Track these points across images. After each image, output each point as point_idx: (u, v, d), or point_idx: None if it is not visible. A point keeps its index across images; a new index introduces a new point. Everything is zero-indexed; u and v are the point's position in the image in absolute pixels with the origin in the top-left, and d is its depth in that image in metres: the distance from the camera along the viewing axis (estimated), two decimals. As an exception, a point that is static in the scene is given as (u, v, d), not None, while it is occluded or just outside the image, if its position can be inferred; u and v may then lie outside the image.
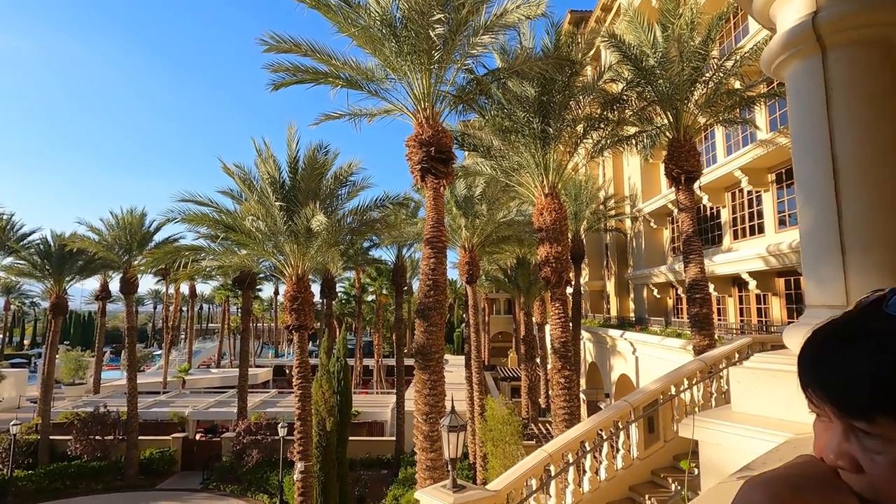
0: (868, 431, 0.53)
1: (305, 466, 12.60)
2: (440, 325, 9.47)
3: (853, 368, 0.55)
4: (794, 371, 2.04)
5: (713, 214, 20.53)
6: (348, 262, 27.20)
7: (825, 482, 0.55)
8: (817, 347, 0.60)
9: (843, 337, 0.58)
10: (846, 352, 0.56)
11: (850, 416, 0.55)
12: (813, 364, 0.59)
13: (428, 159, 9.51)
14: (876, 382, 0.53)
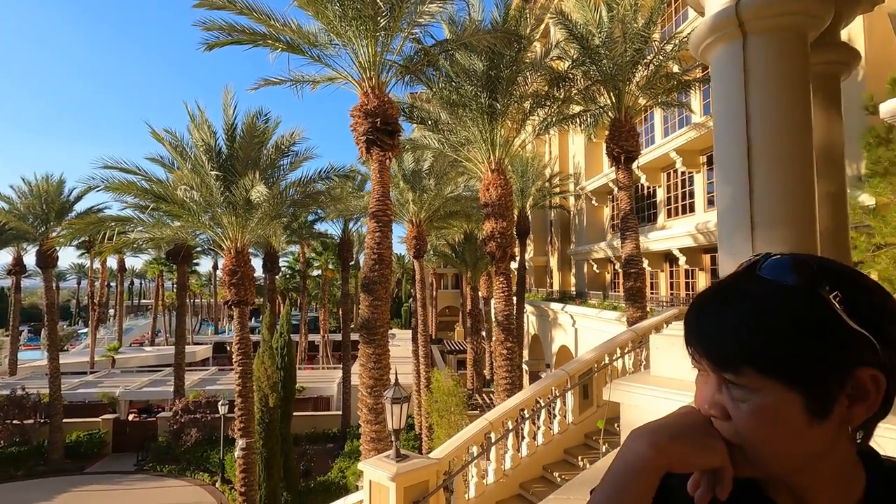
0: (735, 382, 0.58)
1: (247, 443, 12.38)
2: (385, 299, 9.44)
3: (725, 325, 0.59)
4: None
5: (650, 193, 21.56)
6: (292, 235, 26.36)
7: (699, 429, 0.59)
8: (697, 308, 0.63)
9: (718, 298, 0.62)
10: (720, 311, 0.60)
11: (721, 369, 0.59)
12: (693, 323, 0.63)
13: (373, 131, 9.28)
14: (742, 337, 0.57)
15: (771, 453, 0.57)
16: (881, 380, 0.54)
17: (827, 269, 0.58)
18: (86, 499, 17.61)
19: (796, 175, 2.26)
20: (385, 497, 5.79)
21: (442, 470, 6.25)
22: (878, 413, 0.56)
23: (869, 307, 0.56)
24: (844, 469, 0.60)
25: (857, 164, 10.11)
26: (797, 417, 0.55)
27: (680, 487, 0.61)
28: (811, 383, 0.55)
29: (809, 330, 0.55)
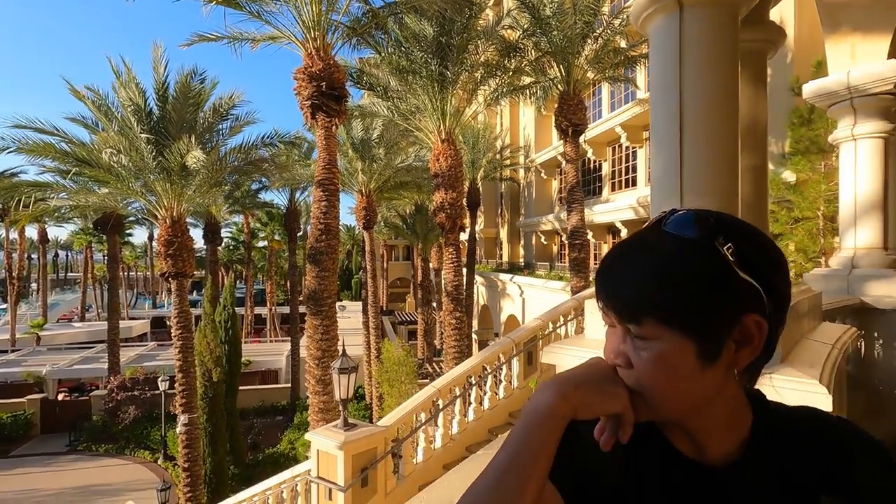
0: (638, 332, 0.60)
1: (189, 419, 12.01)
2: (332, 269, 9.27)
3: (629, 279, 0.61)
4: None
5: (596, 167, 22.18)
6: (234, 205, 25.18)
7: (603, 378, 0.62)
8: (606, 262, 0.65)
9: (625, 253, 0.63)
10: (625, 265, 0.62)
11: (625, 320, 0.61)
12: (601, 278, 0.64)
13: (319, 95, 8.88)
14: (643, 290, 0.59)
15: (667, 397, 0.60)
16: (764, 325, 0.58)
17: (723, 223, 0.60)
18: (11, 482, 16.60)
19: (723, 147, 2.37)
20: (333, 465, 5.82)
21: (390, 437, 6.35)
22: (761, 357, 0.60)
23: (757, 259, 0.59)
24: (733, 411, 0.64)
25: (783, 142, 10.82)
26: (690, 363, 0.58)
27: (588, 434, 0.64)
28: (704, 331, 0.57)
29: (704, 281, 0.57)
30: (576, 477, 0.66)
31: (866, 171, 4.77)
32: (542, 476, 0.58)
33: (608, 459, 0.66)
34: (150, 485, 15.68)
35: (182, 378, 12.14)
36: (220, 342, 15.35)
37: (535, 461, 0.57)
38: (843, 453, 0.64)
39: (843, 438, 0.66)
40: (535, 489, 0.57)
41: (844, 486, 0.62)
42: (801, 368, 1.87)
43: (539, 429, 0.58)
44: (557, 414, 0.58)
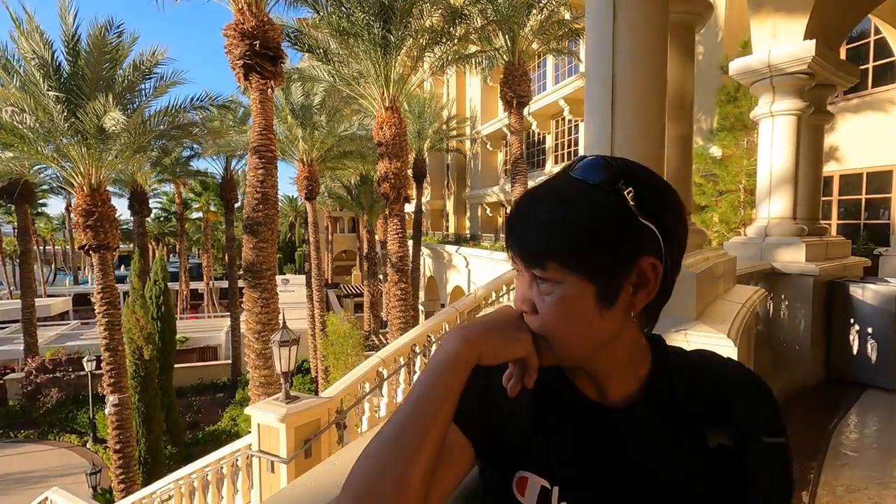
0: (542, 277, 0.60)
1: (119, 399, 11.38)
2: (272, 241, 8.92)
3: (534, 224, 0.60)
4: None
5: (540, 140, 22.52)
6: (163, 173, 23.49)
7: (508, 323, 0.62)
8: (514, 209, 0.64)
9: (533, 199, 0.62)
10: (532, 211, 0.61)
11: (531, 265, 0.61)
12: (508, 223, 0.63)
13: (252, 54, 8.32)
14: (547, 234, 0.59)
15: (569, 340, 0.61)
16: (659, 268, 0.59)
17: (626, 169, 0.60)
18: (-85, 476, 15.17)
19: (652, 116, 2.44)
20: (275, 438, 5.75)
21: (334, 408, 6.32)
22: (657, 299, 0.61)
23: (656, 204, 0.59)
24: (632, 354, 0.67)
25: (712, 119, 11.43)
26: (590, 305, 0.59)
27: (498, 380, 0.66)
28: (603, 274, 0.58)
29: (605, 224, 0.58)
30: (484, 421, 0.68)
31: (781, 147, 5.13)
32: (446, 421, 0.58)
33: (517, 404, 0.67)
34: (78, 469, 14.86)
35: (109, 357, 11.43)
36: (151, 318, 14.54)
37: (438, 407, 0.57)
38: (727, 390, 0.68)
39: (728, 376, 0.70)
40: (437, 433, 0.57)
41: (728, 420, 0.66)
42: (713, 325, 2.01)
43: (443, 375, 0.58)
44: (461, 360, 0.58)
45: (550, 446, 0.66)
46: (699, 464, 0.65)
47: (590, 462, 0.65)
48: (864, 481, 2.78)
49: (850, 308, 4.61)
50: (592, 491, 0.64)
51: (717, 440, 0.65)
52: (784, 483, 0.67)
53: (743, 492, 0.65)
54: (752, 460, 0.64)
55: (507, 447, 0.68)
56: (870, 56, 8.83)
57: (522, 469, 0.67)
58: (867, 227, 9.03)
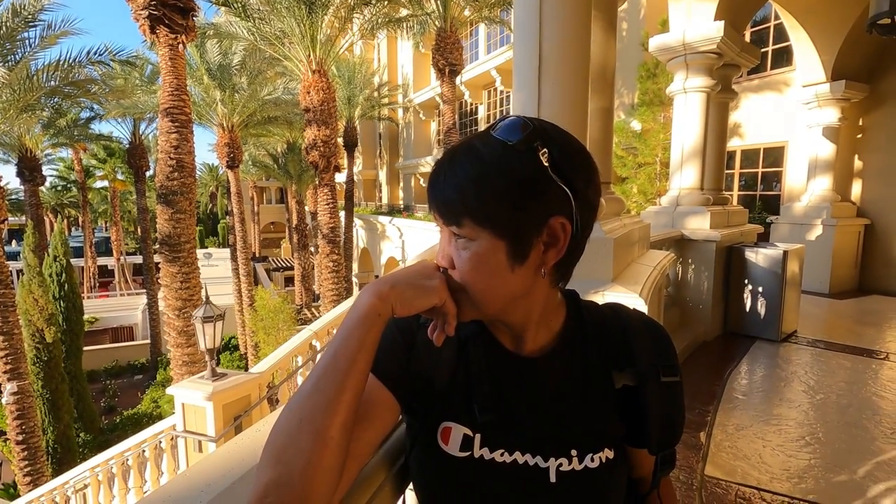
0: (458, 234, 0.61)
1: (19, 386, 10.33)
2: (189, 211, 8.32)
3: (452, 182, 0.61)
4: None
5: (472, 110, 22.52)
6: (58, 136, 20.93)
7: (421, 275, 0.64)
8: (435, 167, 0.64)
9: (453, 157, 0.63)
10: (451, 169, 0.62)
11: (449, 222, 0.62)
12: (430, 181, 0.64)
13: (158, 4, 7.51)
14: (464, 192, 0.60)
15: (484, 295, 0.64)
16: (569, 227, 0.62)
17: (543, 130, 0.62)
18: None
19: (575, 87, 2.51)
20: (202, 417, 5.53)
21: (265, 383, 6.17)
22: (568, 257, 0.65)
23: (568, 165, 0.62)
24: (546, 307, 0.71)
25: (633, 94, 11.98)
26: (502, 262, 0.61)
27: (422, 333, 0.70)
28: (515, 231, 0.60)
29: (519, 183, 0.59)
30: (408, 375, 0.70)
31: (692, 122, 5.50)
32: (361, 374, 0.59)
33: (440, 357, 0.71)
34: (-27, 465, 13.48)
35: (3, 341, 10.29)
36: (52, 298, 13.21)
37: (352, 360, 0.58)
38: (630, 336, 0.75)
39: (632, 324, 0.76)
40: (353, 385, 0.58)
41: (631, 362, 0.73)
42: (627, 285, 2.17)
43: (357, 328, 0.59)
44: (373, 312, 0.59)
45: (472, 394, 0.69)
46: (606, 404, 0.72)
47: (508, 407, 0.69)
48: (751, 420, 3.18)
49: (745, 270, 5.14)
50: (511, 434, 0.69)
51: (622, 381, 0.71)
52: (678, 417, 0.75)
53: (642, 427, 0.72)
54: (651, 398, 0.71)
55: (431, 400, 0.71)
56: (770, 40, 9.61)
57: (446, 420, 0.70)
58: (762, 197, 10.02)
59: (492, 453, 0.68)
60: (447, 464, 0.68)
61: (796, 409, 3.36)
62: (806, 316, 5.68)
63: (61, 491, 7.32)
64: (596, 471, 0.69)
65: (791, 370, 4.15)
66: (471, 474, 0.68)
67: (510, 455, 0.68)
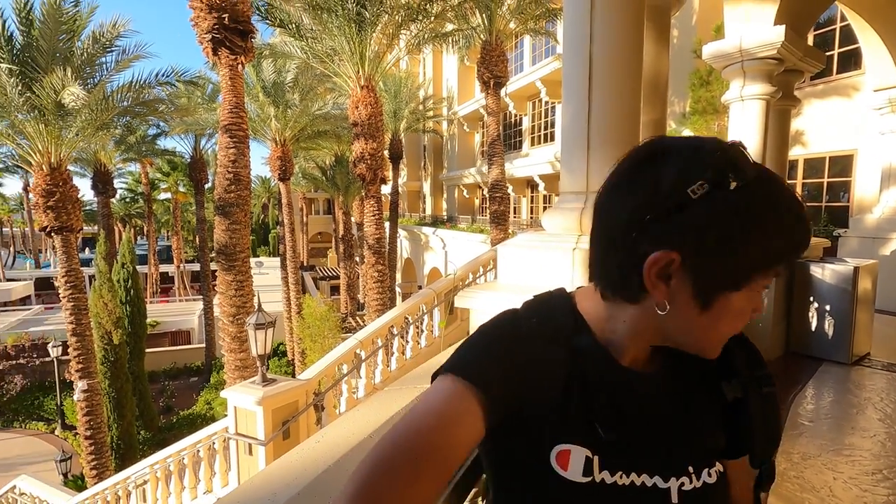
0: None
1: (89, 384, 11.10)
2: (244, 222, 8.73)
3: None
4: (544, 246, 2.34)
5: (517, 121, 22.48)
6: (128, 151, 22.58)
7: None
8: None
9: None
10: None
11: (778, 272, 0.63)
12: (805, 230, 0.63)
13: (220, 28, 8.00)
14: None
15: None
16: None
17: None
18: None
19: (627, 98, 2.47)
20: (252, 421, 5.72)
21: (311, 390, 6.32)
22: None
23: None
24: None
25: (684, 102, 11.60)
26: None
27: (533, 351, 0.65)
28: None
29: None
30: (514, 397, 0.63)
31: (750, 131, 5.25)
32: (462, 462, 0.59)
33: (551, 375, 0.64)
34: (47, 457, 14.52)
35: (76, 342, 11.10)
36: (119, 302, 14.14)
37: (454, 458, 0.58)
38: (728, 347, 0.70)
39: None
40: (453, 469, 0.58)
41: (733, 373, 0.72)
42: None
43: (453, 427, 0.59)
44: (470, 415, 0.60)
45: (590, 412, 0.64)
46: (715, 417, 0.71)
47: (627, 425, 0.65)
48: (819, 449, 2.96)
49: (810, 287, 4.83)
50: (629, 454, 0.65)
51: (733, 393, 0.71)
52: (777, 428, 0.73)
53: (745, 438, 0.70)
54: (754, 408, 0.70)
55: (540, 421, 0.64)
56: (836, 43, 9.07)
57: (562, 442, 0.64)
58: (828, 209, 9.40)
59: (612, 476, 0.63)
60: (565, 492, 0.63)
61: (871, 439, 3.11)
62: (881, 337, 5.25)
63: (123, 485, 7.76)
64: (715, 485, 0.67)
65: (864, 396, 3.84)
66: (591, 501, 0.63)
67: (628, 477, 0.64)
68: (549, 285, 0.83)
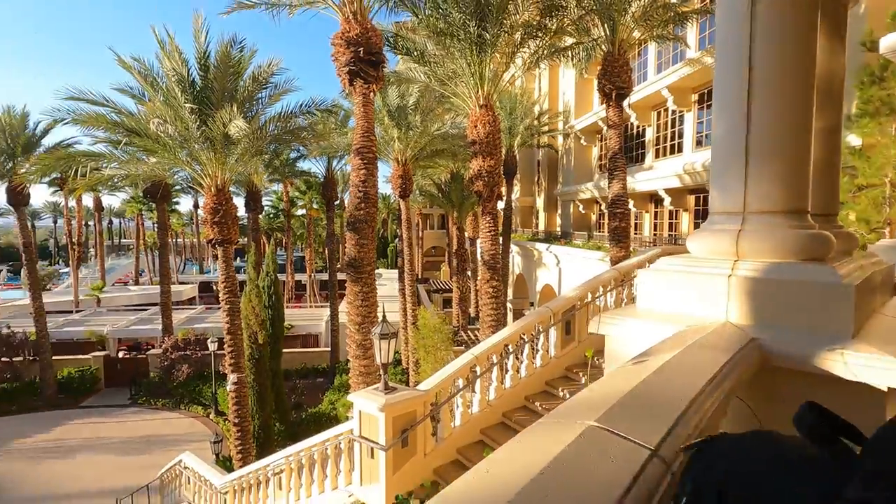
0: None
1: (238, 378, 12.70)
2: (371, 237, 9.38)
3: None
4: (692, 271, 2.16)
5: (639, 133, 21.26)
6: (274, 173, 25.70)
7: None
8: None
9: None
10: None
11: None
12: None
13: (356, 61, 8.78)
14: None
15: None
16: None
17: None
18: (81, 430, 18.18)
19: (796, 106, 2.19)
20: (375, 426, 6.01)
21: (429, 401, 6.50)
22: None
23: None
24: None
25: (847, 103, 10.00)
26: None
27: None
28: None
29: None
30: None
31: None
32: None
33: None
34: (203, 437, 16.84)
35: (230, 340, 12.77)
36: (263, 307, 15.98)
37: None
38: None
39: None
40: None
41: None
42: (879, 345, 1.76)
43: None
44: None
45: None
46: None
47: None
48: None
49: None
50: None
51: None
52: None
53: None
54: None
55: None
56: None
57: None
58: None
59: None
60: None
61: None
62: None
63: (263, 472, 8.67)
64: None
65: None
66: None
67: None
68: (699, 315, 0.74)
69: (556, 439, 0.98)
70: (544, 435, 1.05)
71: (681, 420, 1.10)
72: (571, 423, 1.05)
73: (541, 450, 0.91)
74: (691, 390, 1.26)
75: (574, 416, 1.08)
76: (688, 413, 1.15)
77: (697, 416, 1.18)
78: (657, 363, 1.42)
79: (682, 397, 1.20)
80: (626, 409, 1.11)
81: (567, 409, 1.23)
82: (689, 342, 1.71)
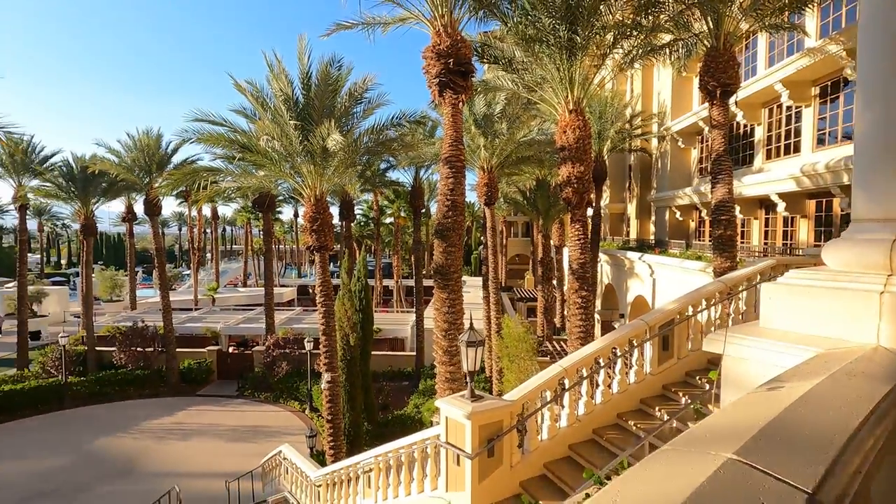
0: None
1: (332, 377, 13.42)
2: (458, 245, 9.48)
3: None
4: (830, 287, 1.91)
5: (747, 132, 19.45)
6: (365, 183, 27.01)
7: None
8: None
9: None
10: None
11: None
12: None
13: (446, 72, 8.98)
14: None
15: None
16: None
17: None
18: (199, 416, 20.32)
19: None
20: (461, 434, 6.01)
21: (515, 412, 6.38)
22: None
23: None
24: None
25: None
26: None
27: None
28: None
29: None
30: None
31: None
32: None
33: None
34: (299, 431, 18.01)
35: (325, 340, 13.56)
36: (355, 310, 16.79)
37: None
38: None
39: None
40: None
41: None
42: None
43: None
44: None
45: None
46: None
47: None
48: None
49: None
50: None
51: None
52: None
53: None
54: None
55: None
56: None
57: None
58: None
59: None
60: None
61: None
62: None
63: (354, 469, 9.04)
64: None
65: None
66: None
67: None
68: (838, 336, 0.62)
69: (686, 472, 0.89)
70: (671, 465, 0.96)
71: (839, 459, 0.95)
72: (703, 454, 0.95)
73: (674, 487, 0.83)
74: (847, 424, 1.09)
75: (704, 445, 0.98)
76: (847, 451, 0.99)
77: (858, 456, 1.01)
78: (800, 391, 1.25)
79: (838, 431, 1.04)
80: (770, 443, 0.99)
81: (693, 438, 1.12)
82: (835, 368, 1.49)
